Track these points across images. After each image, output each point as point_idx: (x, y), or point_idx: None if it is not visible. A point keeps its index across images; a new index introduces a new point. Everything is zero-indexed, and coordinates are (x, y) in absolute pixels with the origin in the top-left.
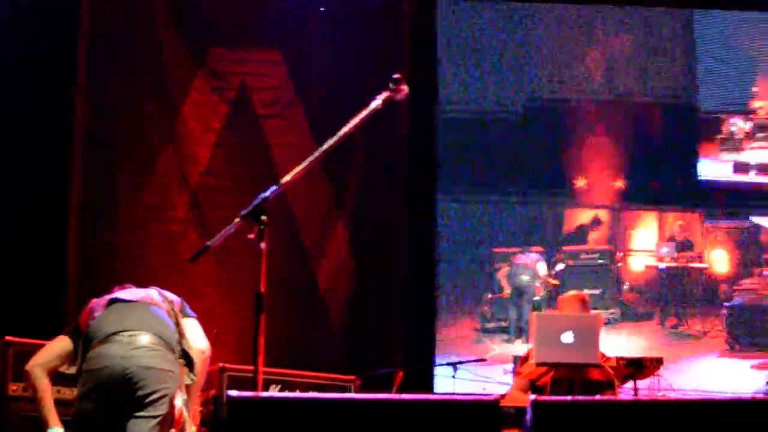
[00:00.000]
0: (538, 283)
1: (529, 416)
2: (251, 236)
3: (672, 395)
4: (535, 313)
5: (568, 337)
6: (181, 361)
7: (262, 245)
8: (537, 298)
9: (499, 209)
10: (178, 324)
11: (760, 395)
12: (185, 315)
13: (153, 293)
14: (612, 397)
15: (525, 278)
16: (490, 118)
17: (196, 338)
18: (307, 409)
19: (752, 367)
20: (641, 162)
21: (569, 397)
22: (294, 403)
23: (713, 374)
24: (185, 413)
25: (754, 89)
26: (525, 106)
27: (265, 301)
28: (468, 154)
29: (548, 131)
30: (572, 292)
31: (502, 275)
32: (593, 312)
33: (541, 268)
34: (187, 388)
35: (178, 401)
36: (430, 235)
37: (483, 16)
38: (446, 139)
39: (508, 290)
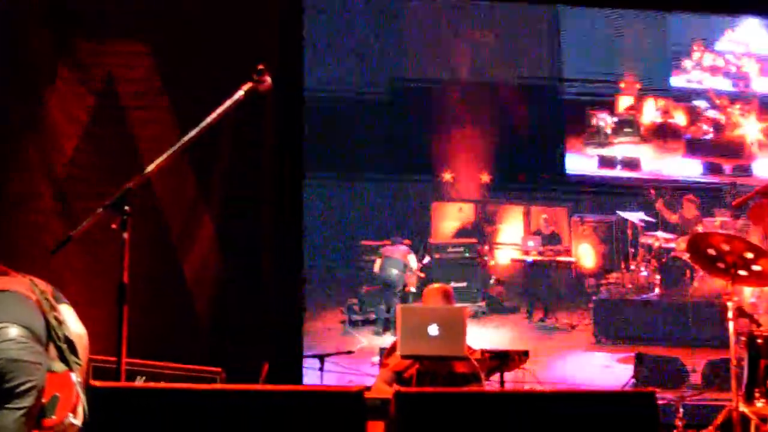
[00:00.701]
0: (409, 275)
1: (392, 407)
2: (114, 226)
3: (538, 388)
4: (401, 305)
5: (434, 330)
6: (64, 346)
7: (125, 235)
8: (413, 289)
9: (367, 200)
10: (54, 310)
11: (625, 387)
12: (59, 301)
13: (24, 282)
14: (474, 388)
15: (395, 271)
16: (353, 105)
17: (74, 324)
18: (171, 400)
19: (618, 360)
20: (508, 156)
21: (432, 389)
22: (158, 394)
23: (580, 367)
24: (81, 395)
25: (621, 85)
26: (392, 93)
27: (129, 291)
28: (335, 141)
29: (416, 122)
30: (436, 285)
31: (376, 267)
32: (459, 305)
33: (412, 260)
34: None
35: (76, 384)
36: (297, 226)
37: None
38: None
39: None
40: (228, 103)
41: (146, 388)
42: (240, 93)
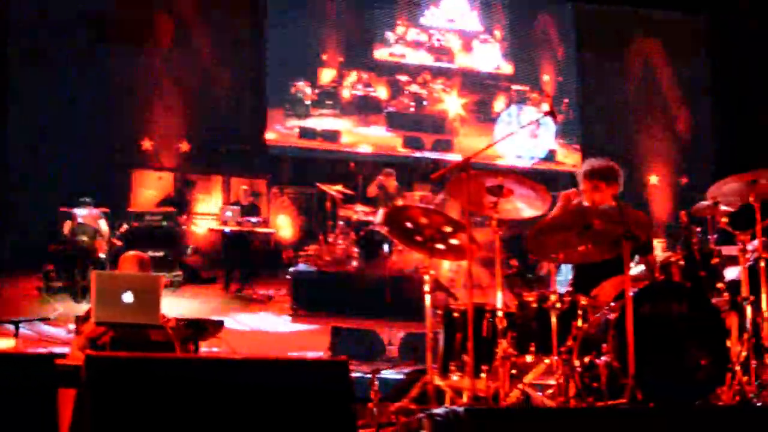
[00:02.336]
0: (99, 241)
1: (83, 372)
2: None
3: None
4: (95, 272)
5: (128, 297)
6: None
7: None
8: (103, 255)
9: (65, 164)
10: None
11: (317, 357)
12: None
13: None
14: (165, 354)
15: (84, 237)
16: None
17: None
18: None
19: (315, 332)
20: (208, 126)
21: (123, 353)
22: None
23: (277, 338)
24: None
25: (323, 57)
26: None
27: None
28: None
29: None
30: (131, 252)
31: (66, 230)
32: (155, 273)
33: (102, 225)
34: None
35: None
36: None
37: None
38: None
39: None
40: None
41: None
42: None
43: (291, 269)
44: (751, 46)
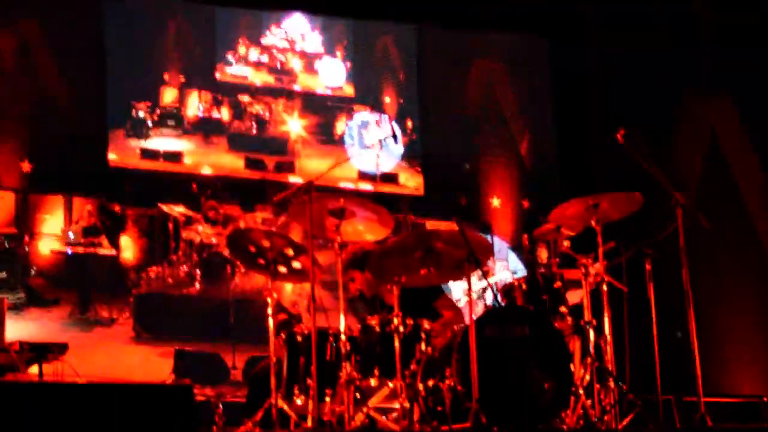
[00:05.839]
0: None
1: None
2: None
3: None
4: None
5: None
6: None
7: None
8: None
9: None
10: None
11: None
12: None
13: None
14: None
15: None
16: None
17: None
18: None
19: (159, 355)
20: (48, 145)
21: None
22: None
23: (120, 362)
24: None
25: (165, 77)
26: None
27: None
28: None
29: None
30: None
31: None
32: None
33: None
34: None
35: None
36: None
37: None
38: None
39: None
40: None
41: None
42: None
43: (134, 291)
44: (593, 69)
